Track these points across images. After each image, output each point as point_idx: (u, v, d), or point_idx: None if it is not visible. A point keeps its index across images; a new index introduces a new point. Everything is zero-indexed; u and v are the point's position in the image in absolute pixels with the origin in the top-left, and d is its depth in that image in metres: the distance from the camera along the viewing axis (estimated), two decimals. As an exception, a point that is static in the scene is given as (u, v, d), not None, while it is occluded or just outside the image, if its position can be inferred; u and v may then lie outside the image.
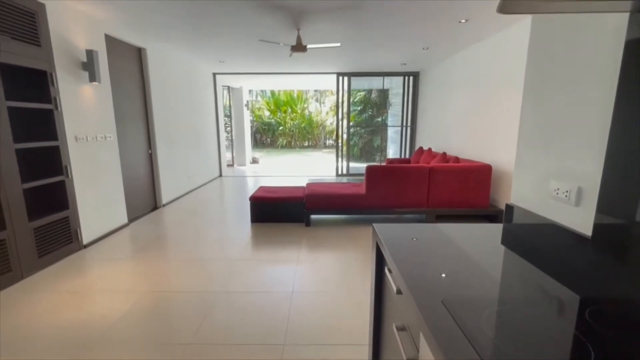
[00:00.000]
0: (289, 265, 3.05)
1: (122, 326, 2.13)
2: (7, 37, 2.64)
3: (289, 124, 17.76)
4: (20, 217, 2.75)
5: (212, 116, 7.76)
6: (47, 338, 2.01)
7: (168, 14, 3.57)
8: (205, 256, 3.28)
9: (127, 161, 4.39)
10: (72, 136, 3.31)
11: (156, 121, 5.06)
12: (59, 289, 2.62)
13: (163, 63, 5.28)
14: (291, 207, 4.24)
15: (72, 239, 3.33)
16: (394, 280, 1.06)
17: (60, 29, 3.17)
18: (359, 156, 10.80)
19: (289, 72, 7.55)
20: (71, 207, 3.30)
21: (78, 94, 3.41)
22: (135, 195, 4.59)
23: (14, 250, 2.70)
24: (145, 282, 2.75)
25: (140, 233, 4.04)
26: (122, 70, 4.32)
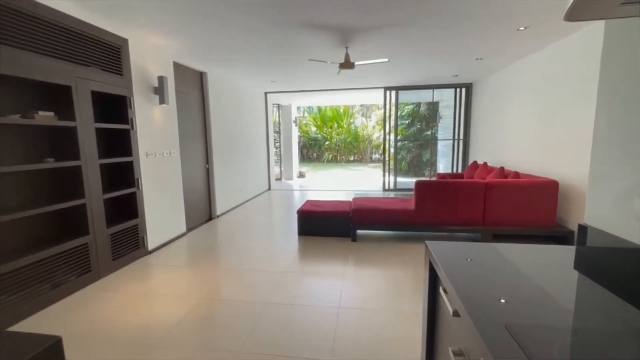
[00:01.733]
0: (335, 280, 3.03)
1: (180, 330, 2.28)
2: (97, 69, 3.09)
3: (335, 139, 17.97)
4: (100, 223, 3.13)
5: (262, 133, 8.17)
6: (118, 335, 2.22)
7: (228, 44, 3.89)
8: (254, 267, 3.40)
9: (188, 175, 4.78)
10: (143, 152, 3.71)
11: (213, 138, 5.47)
12: (128, 291, 2.89)
13: (221, 85, 5.73)
14: (337, 222, 4.25)
15: (139, 245, 3.68)
16: (450, 301, 1.01)
17: (137, 59, 3.62)
18: (407, 171, 10.52)
19: (336, 89, 7.72)
20: (140, 216, 3.67)
21: (149, 115, 3.84)
22: (194, 206, 4.96)
23: (94, 253, 3.06)
24: (200, 289, 2.92)
25: (196, 242, 4.33)
26: (186, 93, 4.77)
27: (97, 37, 3.07)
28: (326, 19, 3.21)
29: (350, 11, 3.02)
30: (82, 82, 2.91)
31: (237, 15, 3.06)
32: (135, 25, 3.30)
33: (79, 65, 2.88)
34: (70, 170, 2.91)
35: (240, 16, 3.08)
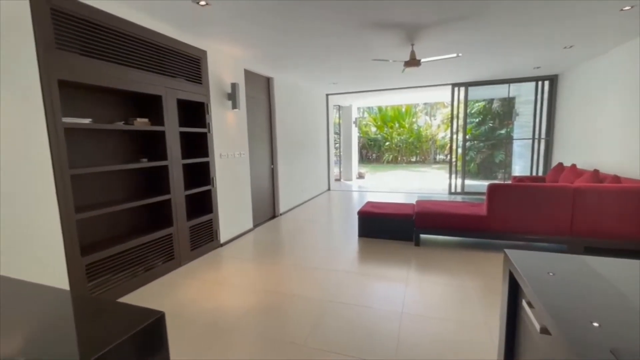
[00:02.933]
0: (397, 284, 2.95)
1: (248, 318, 2.44)
2: (182, 79, 3.47)
3: (396, 139, 17.48)
4: (182, 217, 3.51)
5: (323, 134, 8.32)
6: (195, 317, 2.47)
7: (295, 50, 4.06)
8: (315, 265, 3.48)
9: (255, 175, 5.09)
10: (218, 154, 4.06)
11: (278, 140, 5.74)
12: (204, 279, 3.19)
13: (285, 89, 5.99)
14: (399, 224, 4.12)
15: (213, 237, 4.03)
16: (537, 317, 0.91)
17: (214, 68, 3.98)
18: (476, 173, 9.75)
19: (398, 88, 7.51)
20: (214, 211, 4.02)
21: (223, 119, 4.18)
22: (259, 204, 5.26)
23: (177, 243, 3.44)
24: (266, 282, 3.09)
25: (262, 238, 4.59)
26: (254, 98, 5.10)
27: (182, 51, 3.45)
28: (394, 18, 3.15)
29: (420, 8, 2.91)
30: (170, 92, 3.30)
31: (308, 23, 3.17)
32: (214, 38, 3.63)
33: (167, 77, 3.28)
34: (159, 169, 3.32)
35: (314, 22, 3.18)
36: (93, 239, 2.84)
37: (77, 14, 2.41)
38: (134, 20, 2.86)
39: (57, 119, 2.28)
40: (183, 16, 2.98)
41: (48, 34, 2.22)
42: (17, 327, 0.91)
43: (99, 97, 2.88)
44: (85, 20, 2.47)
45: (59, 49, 2.29)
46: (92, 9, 2.51)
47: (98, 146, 2.90)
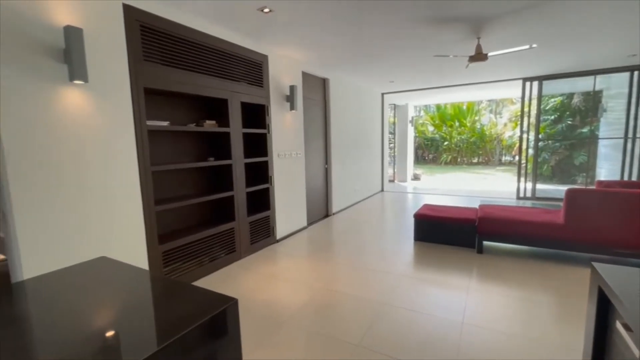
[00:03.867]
0: (458, 293, 2.78)
1: (303, 314, 2.51)
2: (245, 83, 3.69)
3: (456, 139, 16.49)
4: (243, 212, 3.73)
5: (378, 134, 8.19)
6: (254, 308, 2.61)
7: (351, 52, 4.06)
8: (369, 266, 3.44)
9: (309, 174, 5.21)
10: (276, 153, 4.24)
11: (332, 140, 5.80)
12: (261, 272, 3.36)
13: (340, 89, 6.02)
14: (459, 230, 3.88)
15: (270, 233, 4.22)
16: (637, 342, 0.79)
17: (274, 72, 4.16)
18: (550, 176, 8.77)
19: (462, 84, 7.07)
20: (272, 208, 4.20)
21: (281, 121, 4.35)
22: (313, 203, 5.37)
23: (238, 237, 3.67)
24: (320, 279, 3.14)
25: (315, 236, 4.67)
26: (311, 99, 5.21)
27: (245, 56, 3.67)
28: (459, 11, 2.98)
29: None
30: (234, 95, 3.53)
31: (367, 23, 3.16)
32: (274, 43, 3.80)
33: (232, 82, 3.51)
34: (224, 167, 3.57)
35: (374, 23, 3.16)
36: (167, 229, 3.16)
37: (160, 28, 2.71)
38: (205, 30, 3.12)
39: (143, 122, 2.59)
40: (248, 24, 3.17)
41: (137, 47, 2.53)
42: (114, 301, 1.06)
43: (174, 101, 3.20)
44: (165, 33, 2.76)
45: (146, 60, 2.60)
46: (171, 23, 2.80)
47: (173, 146, 3.22)
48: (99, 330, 0.85)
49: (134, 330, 0.85)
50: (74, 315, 0.96)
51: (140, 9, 2.54)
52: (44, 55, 1.98)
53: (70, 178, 2.15)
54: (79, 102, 2.17)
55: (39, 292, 1.12)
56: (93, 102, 2.26)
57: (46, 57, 2.00)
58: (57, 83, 2.05)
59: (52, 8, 2.02)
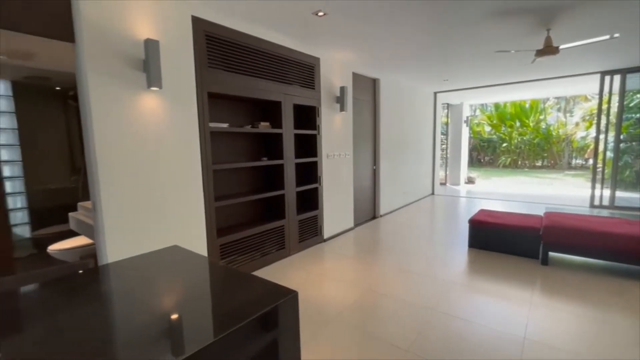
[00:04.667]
0: (519, 306, 2.58)
1: (349, 313, 2.52)
2: (297, 85, 3.81)
3: (516, 140, 15.22)
4: (292, 211, 3.85)
5: (429, 134, 7.88)
6: (301, 305, 2.68)
7: (404, 51, 3.98)
8: (418, 270, 3.34)
9: (357, 175, 5.20)
10: (325, 154, 4.31)
11: (382, 140, 5.72)
12: (309, 269, 3.44)
13: (391, 89, 5.92)
14: (521, 238, 3.59)
15: (317, 233, 4.29)
16: None
17: (325, 74, 4.22)
18: (634, 182, 7.68)
19: (525, 81, 6.52)
20: (320, 208, 4.28)
21: (331, 122, 4.40)
22: (360, 204, 5.35)
23: (288, 234, 3.80)
24: (367, 281, 3.12)
25: (362, 237, 4.65)
26: (360, 100, 5.20)
27: (298, 60, 3.78)
28: (530, 1, 2.77)
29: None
30: (287, 98, 3.67)
31: (423, 20, 3.08)
32: (327, 45, 3.86)
33: (286, 84, 3.64)
34: (276, 167, 3.72)
35: (430, 19, 3.08)
36: (224, 224, 3.38)
37: (222, 36, 2.92)
38: (261, 36, 3.28)
39: (206, 124, 2.81)
40: (302, 28, 3.27)
41: (203, 55, 2.75)
42: (183, 285, 1.17)
43: (233, 104, 3.41)
44: (227, 41, 2.97)
45: (210, 67, 2.82)
46: (232, 31, 2.99)
47: (231, 146, 3.44)
48: (167, 312, 0.96)
49: (200, 314, 0.94)
50: (147, 296, 1.08)
51: (206, 20, 2.76)
52: (128, 66, 2.25)
53: (147, 174, 2.41)
54: (154, 106, 2.43)
55: (120, 273, 1.28)
56: (165, 106, 2.51)
57: (130, 67, 2.26)
58: (137, 89, 2.32)
59: (137, 24, 2.29)
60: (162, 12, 2.45)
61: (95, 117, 2.12)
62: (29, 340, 0.84)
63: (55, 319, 0.94)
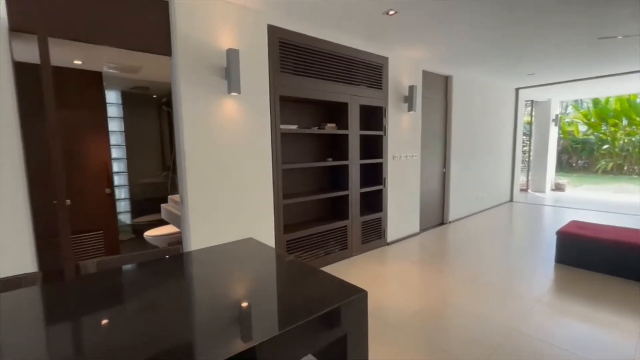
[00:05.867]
0: (622, 336, 2.19)
1: (415, 322, 2.42)
2: (364, 86, 3.79)
3: (621, 141, 12.89)
4: (356, 212, 3.85)
5: (508, 135, 7.14)
6: (365, 306, 2.66)
7: (483, 44, 3.67)
8: (492, 283, 3.05)
9: (425, 178, 4.96)
10: (391, 155, 4.20)
11: (453, 141, 5.37)
12: (372, 272, 3.39)
13: (465, 86, 5.51)
14: (622, 256, 3.04)
15: (381, 235, 4.21)
16: None
17: (393, 73, 4.12)
18: None
19: (636, 71, 5.49)
20: (384, 210, 4.19)
21: (398, 122, 4.28)
22: (427, 208, 5.09)
23: (350, 235, 3.81)
24: (434, 289, 2.96)
25: (429, 243, 4.42)
26: (430, 98, 4.96)
27: (366, 60, 3.76)
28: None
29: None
30: (354, 99, 3.67)
31: (505, 12, 2.82)
32: (396, 44, 3.77)
33: (353, 85, 3.65)
34: (340, 167, 3.76)
35: (513, 11, 2.81)
36: (290, 221, 3.53)
37: (293, 41, 3.05)
38: (330, 39, 3.35)
39: (277, 126, 2.98)
40: (372, 28, 3.24)
41: (276, 61, 2.92)
42: (256, 275, 1.25)
43: (301, 106, 3.54)
44: (297, 45, 3.09)
45: (282, 71, 2.98)
46: (303, 36, 3.11)
47: (298, 147, 3.58)
48: (239, 299, 1.04)
49: (269, 305, 0.99)
50: (224, 282, 1.19)
51: (279, 27, 2.92)
52: (212, 74, 2.50)
53: (225, 172, 2.65)
54: (233, 110, 2.66)
55: (201, 260, 1.43)
56: (242, 109, 2.72)
57: (214, 74, 2.51)
58: (219, 95, 2.56)
59: (221, 36, 2.53)
60: (243, 23, 2.66)
61: (185, 121, 2.40)
62: (129, 310, 0.99)
63: (148, 294, 1.10)
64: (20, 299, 1.06)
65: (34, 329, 0.90)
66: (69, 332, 0.88)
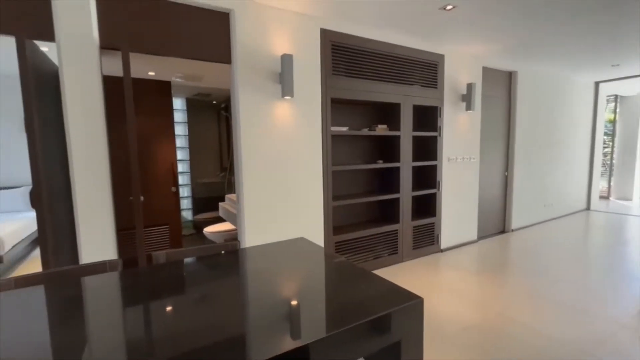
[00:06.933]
0: None
1: (471, 336, 2.25)
2: (418, 86, 3.65)
3: None
4: (407, 216, 3.72)
5: (585, 134, 6.34)
6: (416, 315, 2.55)
7: (553, 34, 3.31)
8: (564, 301, 2.72)
9: (484, 181, 4.61)
10: (446, 157, 3.99)
11: (517, 142, 4.92)
12: (424, 279, 3.24)
13: (532, 81, 5.02)
14: None
15: (434, 241, 4.01)
16: None
17: (450, 71, 3.91)
18: None
19: None
20: (437, 215, 3.99)
21: (455, 122, 4.04)
22: (486, 215, 4.73)
23: (401, 239, 3.69)
24: (493, 302, 2.73)
25: (488, 253, 4.10)
26: (491, 96, 4.60)
27: (421, 59, 3.62)
28: None
29: None
30: (407, 99, 3.56)
31: (575, -7, 2.52)
32: (453, 40, 3.57)
33: (406, 85, 3.54)
34: (391, 170, 3.67)
35: (581, -8, 2.50)
36: (339, 223, 3.53)
37: (346, 43, 3.06)
38: (383, 39, 3.28)
39: (328, 128, 3.00)
40: (428, 25, 3.12)
41: (328, 64, 2.95)
42: (307, 275, 1.27)
43: (351, 108, 3.53)
44: (350, 47, 3.09)
45: (334, 74, 3.00)
46: (355, 37, 3.10)
47: (348, 148, 3.57)
48: (291, 298, 1.05)
49: (320, 306, 0.99)
50: (276, 279, 1.22)
51: (332, 30, 2.95)
52: (267, 79, 2.61)
53: (277, 174, 2.74)
54: (286, 113, 2.74)
55: (255, 257, 1.49)
56: (294, 112, 2.79)
57: (269, 80, 2.62)
58: (273, 99, 2.66)
59: (276, 42, 2.64)
60: (297, 29, 2.74)
61: (242, 125, 2.53)
62: (185, 301, 1.06)
63: (207, 286, 1.18)
64: (105, 281, 1.21)
65: (115, 308, 1.02)
66: (141, 313, 0.98)
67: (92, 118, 2.04)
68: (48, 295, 1.11)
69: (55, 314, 1.00)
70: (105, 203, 2.11)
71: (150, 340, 0.83)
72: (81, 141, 2.01)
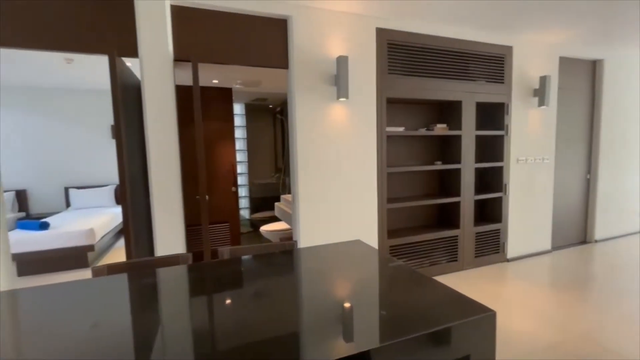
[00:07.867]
0: None
1: (550, 357, 2.01)
2: (482, 81, 3.39)
3: None
4: (469, 221, 3.47)
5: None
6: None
7: (651, 7, 2.83)
8: (670, 330, 2.29)
9: (559, 185, 4.11)
10: (514, 158, 3.64)
11: (602, 142, 4.30)
12: (488, 291, 2.99)
13: (622, 71, 4.35)
14: None
15: (499, 250, 3.68)
16: None
17: (519, 64, 3.56)
18: None
19: None
20: (503, 221, 3.65)
21: (524, 120, 3.67)
22: (563, 223, 4.21)
23: (461, 246, 3.45)
24: (575, 324, 2.41)
25: (564, 265, 3.64)
26: (570, 89, 4.09)
27: (484, 52, 3.36)
28: None
29: None
30: (469, 96, 3.33)
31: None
32: (522, 29, 3.25)
33: (467, 82, 3.31)
34: (451, 172, 3.45)
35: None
36: (394, 226, 3.42)
37: (402, 41, 2.96)
38: (441, 33, 3.11)
39: (383, 128, 2.93)
40: (493, 15, 2.88)
41: (384, 63, 2.89)
42: (363, 279, 1.24)
43: (407, 107, 3.40)
44: (406, 45, 2.99)
45: (389, 73, 2.93)
46: (412, 34, 2.99)
47: (404, 149, 3.44)
48: (345, 301, 1.03)
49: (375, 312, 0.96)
50: (331, 281, 1.21)
51: (388, 29, 2.88)
52: (323, 82, 2.64)
53: (332, 175, 2.75)
54: (340, 114, 2.74)
55: (311, 258, 1.50)
56: (349, 113, 2.78)
57: (324, 82, 2.65)
58: (328, 101, 2.68)
59: (332, 45, 2.66)
60: (352, 30, 2.73)
61: (298, 127, 2.59)
62: (246, 295, 1.10)
63: (264, 283, 1.21)
64: (177, 273, 1.32)
65: (183, 297, 1.10)
66: (205, 304, 1.05)
67: (167, 125, 2.25)
68: (131, 283, 1.24)
69: (137, 299, 1.12)
70: (177, 201, 2.31)
71: (212, 331, 0.87)
72: (157, 146, 2.23)
